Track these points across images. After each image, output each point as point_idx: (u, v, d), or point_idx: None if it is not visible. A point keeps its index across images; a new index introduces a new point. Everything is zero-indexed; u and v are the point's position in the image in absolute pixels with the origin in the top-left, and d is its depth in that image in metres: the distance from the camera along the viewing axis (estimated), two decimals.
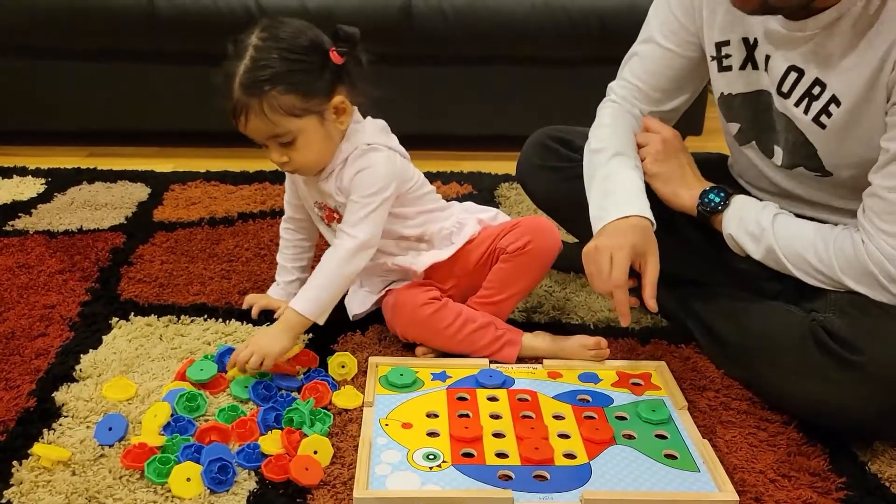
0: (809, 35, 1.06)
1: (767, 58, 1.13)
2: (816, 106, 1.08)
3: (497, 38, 2.13)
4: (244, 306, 1.36)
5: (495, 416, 1.11)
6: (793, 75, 1.10)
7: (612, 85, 1.35)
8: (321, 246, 1.35)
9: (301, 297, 1.18)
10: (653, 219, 1.17)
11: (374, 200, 1.19)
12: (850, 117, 1.06)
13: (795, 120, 1.12)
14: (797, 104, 1.11)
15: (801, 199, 1.21)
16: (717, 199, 1.20)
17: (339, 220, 1.24)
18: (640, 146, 1.28)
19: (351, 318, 1.33)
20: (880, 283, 1.05)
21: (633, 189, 1.20)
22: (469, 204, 1.39)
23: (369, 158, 1.20)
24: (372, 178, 1.20)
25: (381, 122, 1.26)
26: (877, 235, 1.04)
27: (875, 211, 1.05)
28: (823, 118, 1.08)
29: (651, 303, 1.12)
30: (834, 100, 1.06)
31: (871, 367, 1.00)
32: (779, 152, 1.19)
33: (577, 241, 1.54)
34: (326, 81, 1.16)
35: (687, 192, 1.23)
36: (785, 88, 1.11)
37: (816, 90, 1.08)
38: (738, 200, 1.19)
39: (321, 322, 1.20)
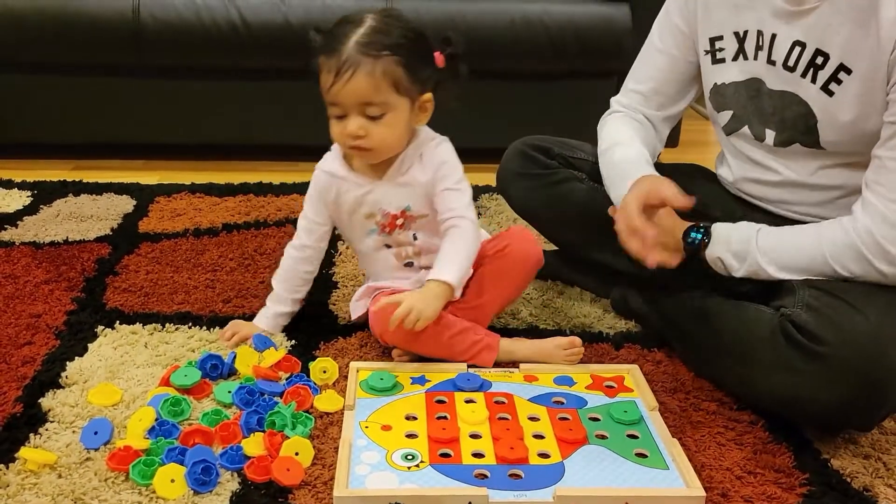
0: (810, 8, 1.13)
1: (773, 36, 1.18)
2: (823, 75, 1.14)
3: (476, 53, 2.14)
4: (227, 334, 1.32)
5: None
6: (797, 49, 1.16)
7: (615, 98, 1.42)
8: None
9: (446, 270, 1.20)
10: (656, 173, 1.23)
11: (468, 186, 1.26)
12: (857, 86, 1.11)
13: (801, 91, 1.17)
14: (804, 75, 1.16)
15: (785, 183, 1.25)
16: (699, 235, 1.22)
17: (403, 227, 1.27)
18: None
19: (353, 319, 1.36)
20: (873, 257, 1.09)
21: (640, 161, 1.28)
22: None
23: (446, 150, 1.27)
24: (455, 165, 1.26)
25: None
26: (881, 205, 1.09)
27: (881, 182, 1.10)
28: (833, 86, 1.14)
29: (684, 200, 1.14)
30: (843, 68, 1.12)
31: (834, 357, 1.04)
32: (770, 134, 1.24)
33: (556, 249, 1.59)
34: (428, 75, 1.21)
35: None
36: (791, 62, 1.17)
37: (819, 60, 1.14)
38: (718, 227, 1.22)
39: (458, 295, 1.24)
